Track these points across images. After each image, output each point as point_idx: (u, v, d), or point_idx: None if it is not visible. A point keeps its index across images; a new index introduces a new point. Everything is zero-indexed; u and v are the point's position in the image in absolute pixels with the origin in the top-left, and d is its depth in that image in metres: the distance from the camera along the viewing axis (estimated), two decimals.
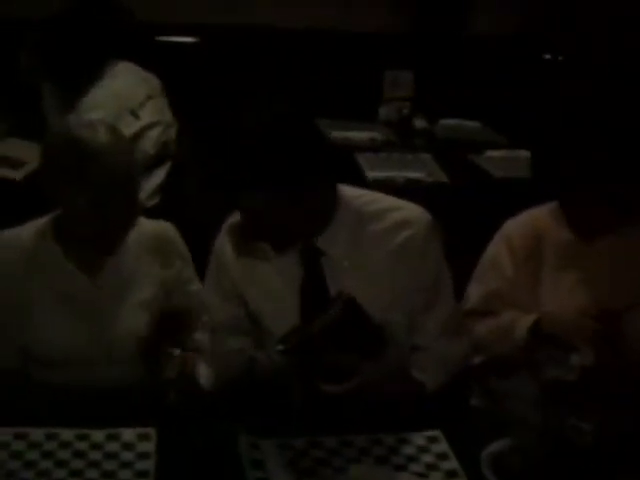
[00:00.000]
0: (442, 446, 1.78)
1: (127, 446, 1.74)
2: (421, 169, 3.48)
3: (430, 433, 1.82)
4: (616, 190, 2.05)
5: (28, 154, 3.18)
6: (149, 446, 1.74)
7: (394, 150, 3.68)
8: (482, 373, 2.17)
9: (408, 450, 1.77)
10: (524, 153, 3.75)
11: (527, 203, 3.21)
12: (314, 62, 4.17)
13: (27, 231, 2.05)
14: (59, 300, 2.02)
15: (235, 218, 2.01)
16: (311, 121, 1.91)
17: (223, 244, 2.02)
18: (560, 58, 4.67)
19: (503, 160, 3.66)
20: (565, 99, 2.45)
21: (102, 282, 2.05)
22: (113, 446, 1.74)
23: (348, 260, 1.91)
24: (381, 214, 1.94)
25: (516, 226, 2.23)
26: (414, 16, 4.38)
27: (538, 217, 2.22)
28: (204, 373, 2.01)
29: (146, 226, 2.12)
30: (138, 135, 3.08)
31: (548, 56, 4.89)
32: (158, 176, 3.20)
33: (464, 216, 3.15)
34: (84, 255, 2.04)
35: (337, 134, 3.75)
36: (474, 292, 2.18)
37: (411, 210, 1.96)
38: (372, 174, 3.37)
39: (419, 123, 4.02)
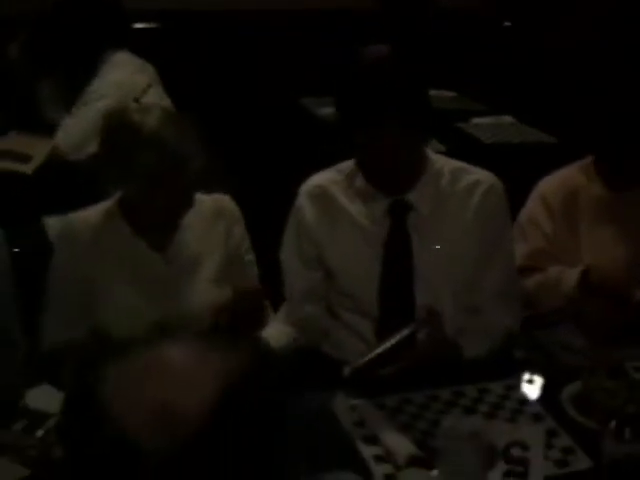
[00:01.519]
0: (521, 393, 1.90)
1: None
2: None
3: (508, 382, 1.92)
4: None
5: (33, 148, 3.17)
6: None
7: None
8: (530, 326, 2.27)
9: (491, 399, 1.87)
10: (508, 119, 3.90)
11: (521, 167, 3.33)
12: (290, 43, 4.23)
13: (95, 213, 2.07)
14: (130, 279, 2.03)
15: (312, 181, 2.08)
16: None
17: (303, 206, 2.06)
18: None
19: (490, 126, 3.78)
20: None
21: (172, 258, 2.07)
22: None
23: (433, 217, 2.00)
24: (458, 174, 2.04)
25: (550, 184, 2.34)
26: None
27: (570, 175, 2.34)
28: (274, 335, 2.06)
29: (206, 201, 2.14)
30: None
31: (508, 23, 5.07)
32: None
33: None
34: (154, 233, 2.06)
35: (325, 111, 3.74)
36: (518, 251, 2.25)
37: (482, 172, 2.07)
38: None
39: None
